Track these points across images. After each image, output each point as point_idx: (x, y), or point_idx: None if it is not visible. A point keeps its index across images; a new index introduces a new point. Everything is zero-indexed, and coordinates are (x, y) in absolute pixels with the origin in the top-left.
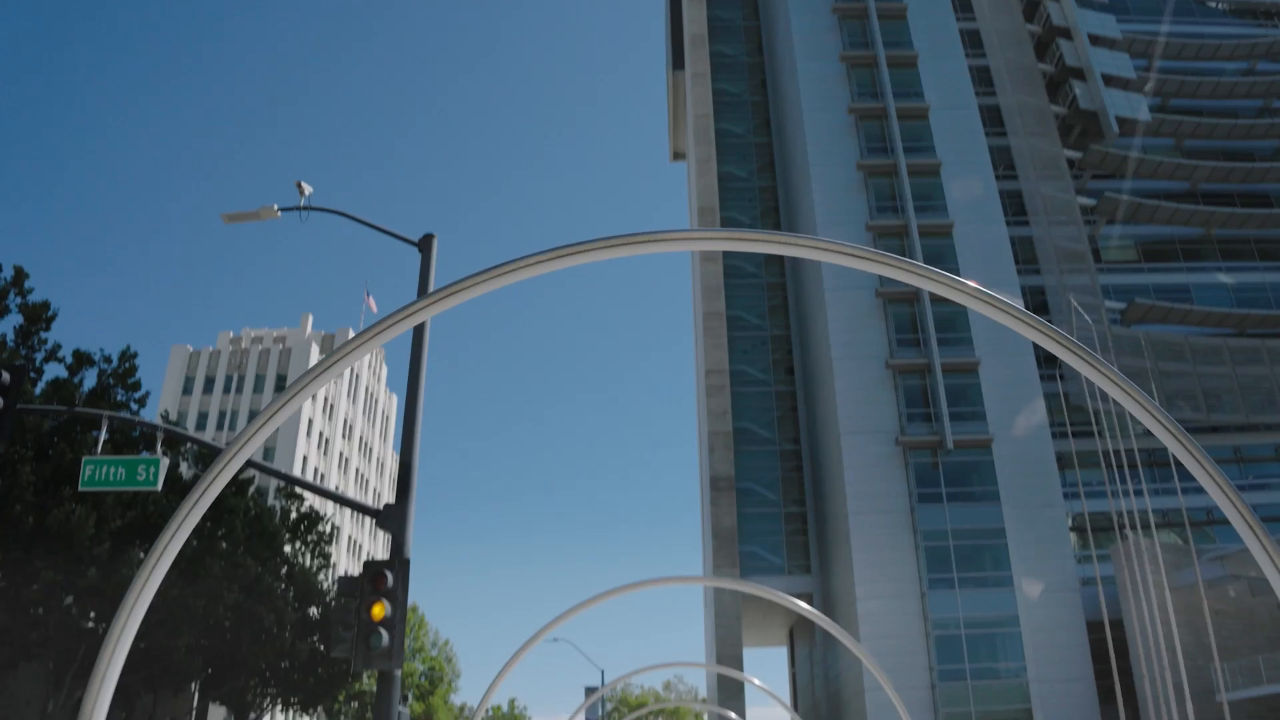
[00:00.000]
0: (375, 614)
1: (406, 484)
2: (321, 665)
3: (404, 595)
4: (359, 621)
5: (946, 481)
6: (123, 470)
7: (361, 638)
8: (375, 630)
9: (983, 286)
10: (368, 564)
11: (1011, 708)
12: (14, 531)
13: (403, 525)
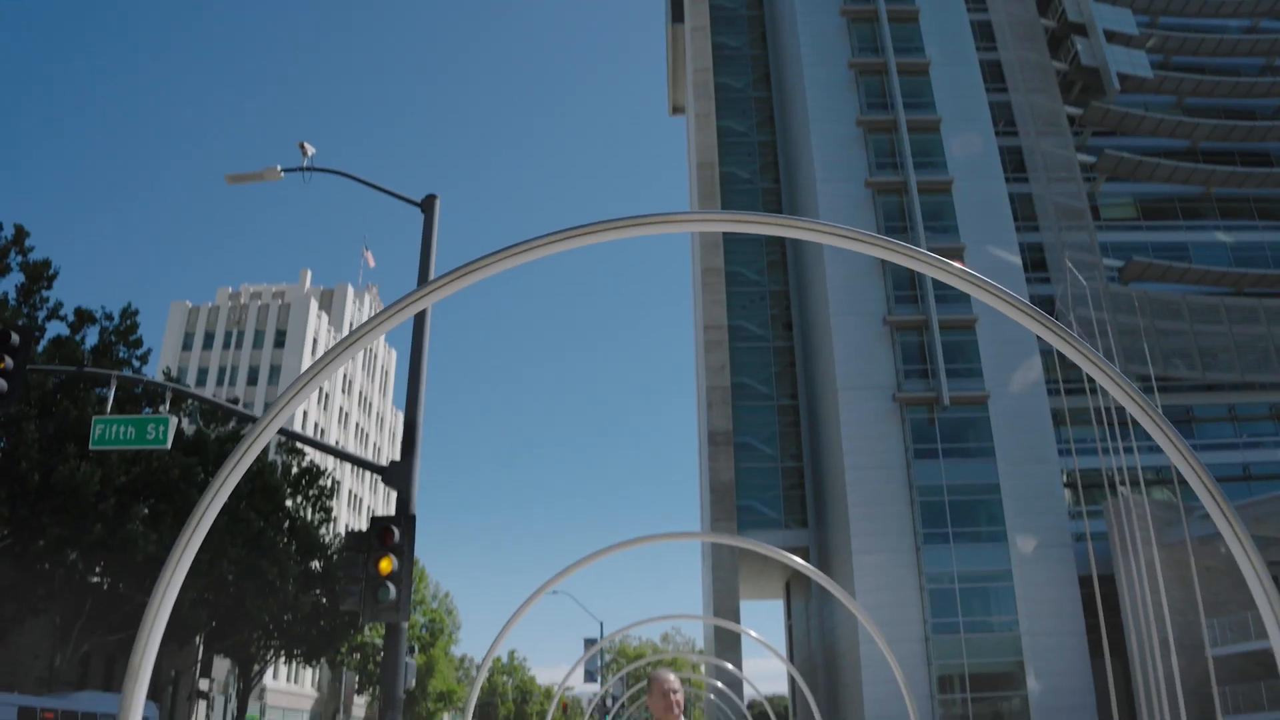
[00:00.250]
0: (383, 568)
1: (411, 442)
2: (324, 618)
3: (410, 550)
4: (366, 575)
5: (942, 437)
6: (132, 429)
7: (369, 591)
8: (383, 584)
9: (981, 243)
10: (374, 519)
11: (1003, 660)
12: (20, 488)
13: (408, 482)
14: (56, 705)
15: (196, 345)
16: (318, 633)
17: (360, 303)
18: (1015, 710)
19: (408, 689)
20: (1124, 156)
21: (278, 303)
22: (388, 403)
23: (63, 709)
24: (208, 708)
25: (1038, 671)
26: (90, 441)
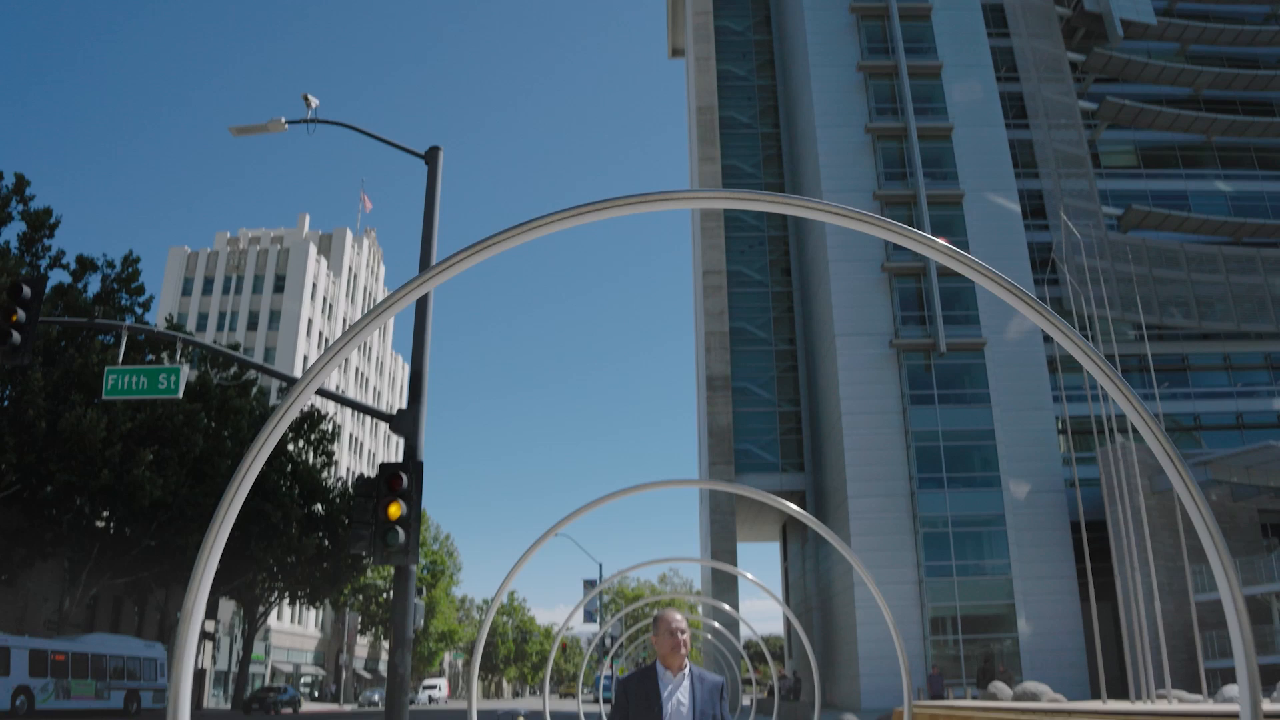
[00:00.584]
0: (391, 513)
1: (418, 391)
2: (327, 560)
3: (418, 496)
4: (376, 520)
5: (939, 384)
6: (144, 379)
7: (379, 535)
8: (392, 528)
9: (980, 190)
10: (383, 466)
11: (995, 603)
12: (27, 436)
13: (415, 429)
14: (66, 648)
15: (196, 290)
16: (321, 575)
17: (359, 247)
18: (1006, 652)
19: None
20: (1125, 104)
21: (276, 248)
22: (387, 347)
23: (73, 651)
24: (214, 649)
25: (1029, 614)
26: (103, 392)
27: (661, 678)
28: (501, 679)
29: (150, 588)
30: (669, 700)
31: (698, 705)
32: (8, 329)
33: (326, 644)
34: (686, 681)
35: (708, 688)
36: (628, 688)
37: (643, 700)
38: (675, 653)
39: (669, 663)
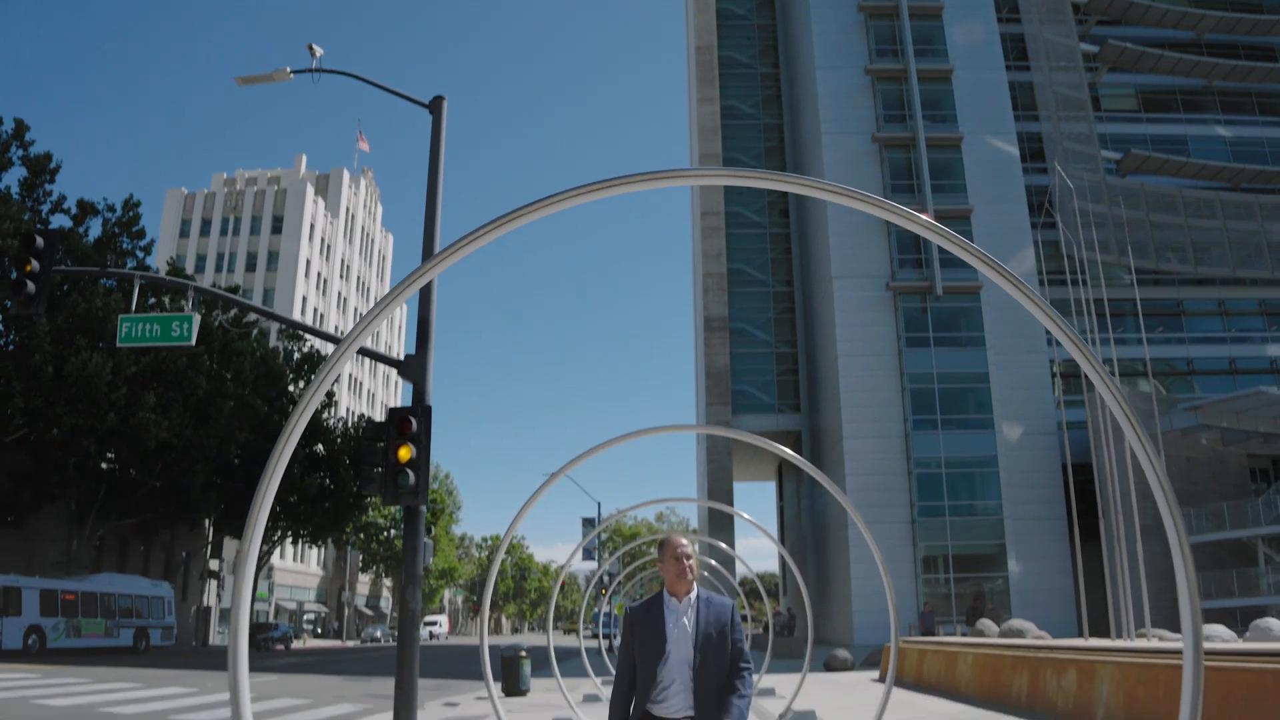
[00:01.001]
0: (401, 456)
1: (425, 337)
2: (329, 500)
3: (427, 439)
4: (386, 463)
5: (934, 326)
6: (158, 327)
7: (389, 477)
8: (402, 471)
9: (979, 133)
10: (392, 411)
11: (986, 543)
12: (34, 381)
13: (423, 374)
14: (76, 587)
15: (194, 232)
16: (323, 514)
17: (356, 188)
18: (996, 591)
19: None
20: (1127, 47)
21: (273, 189)
22: (385, 287)
23: (82, 591)
24: (218, 587)
25: (1019, 555)
26: (117, 340)
27: (668, 604)
28: (500, 615)
29: (156, 528)
30: (675, 626)
31: (702, 628)
32: (22, 279)
33: (329, 582)
34: (693, 608)
35: (715, 610)
36: (634, 617)
37: (648, 628)
38: (681, 579)
39: (675, 589)
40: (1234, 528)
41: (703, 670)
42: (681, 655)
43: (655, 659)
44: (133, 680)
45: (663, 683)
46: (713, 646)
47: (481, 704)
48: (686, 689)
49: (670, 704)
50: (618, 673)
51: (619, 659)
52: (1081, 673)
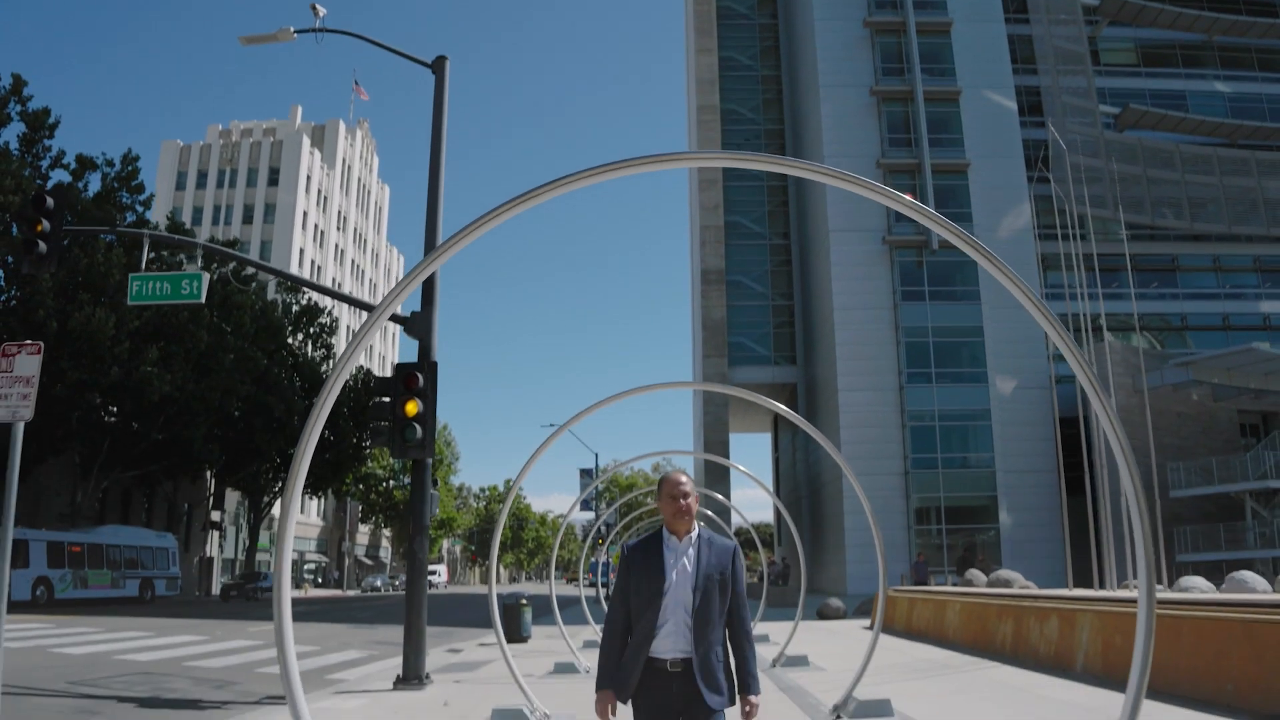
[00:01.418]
0: (408, 410)
1: (430, 294)
2: (330, 451)
3: (433, 394)
4: (394, 417)
5: (930, 280)
6: (168, 285)
7: (397, 431)
8: (409, 425)
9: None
10: (398, 367)
11: (978, 494)
12: (38, 335)
13: (428, 331)
14: (82, 539)
15: (190, 185)
16: (323, 465)
17: (352, 139)
18: (988, 542)
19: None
20: (1127, 0)
21: (269, 140)
22: (382, 239)
23: (88, 542)
24: (220, 538)
25: (1010, 506)
26: (128, 298)
27: (667, 544)
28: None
29: (158, 480)
30: (673, 565)
31: (702, 568)
32: (34, 239)
33: (329, 532)
34: (693, 548)
35: (716, 551)
36: (630, 556)
37: (644, 567)
38: (680, 518)
39: (674, 528)
40: (1222, 482)
41: (701, 612)
42: (680, 595)
43: (653, 599)
44: (143, 629)
45: (659, 623)
46: (713, 588)
47: (484, 650)
48: (682, 631)
49: (664, 645)
50: (610, 614)
51: (612, 601)
52: (1063, 621)
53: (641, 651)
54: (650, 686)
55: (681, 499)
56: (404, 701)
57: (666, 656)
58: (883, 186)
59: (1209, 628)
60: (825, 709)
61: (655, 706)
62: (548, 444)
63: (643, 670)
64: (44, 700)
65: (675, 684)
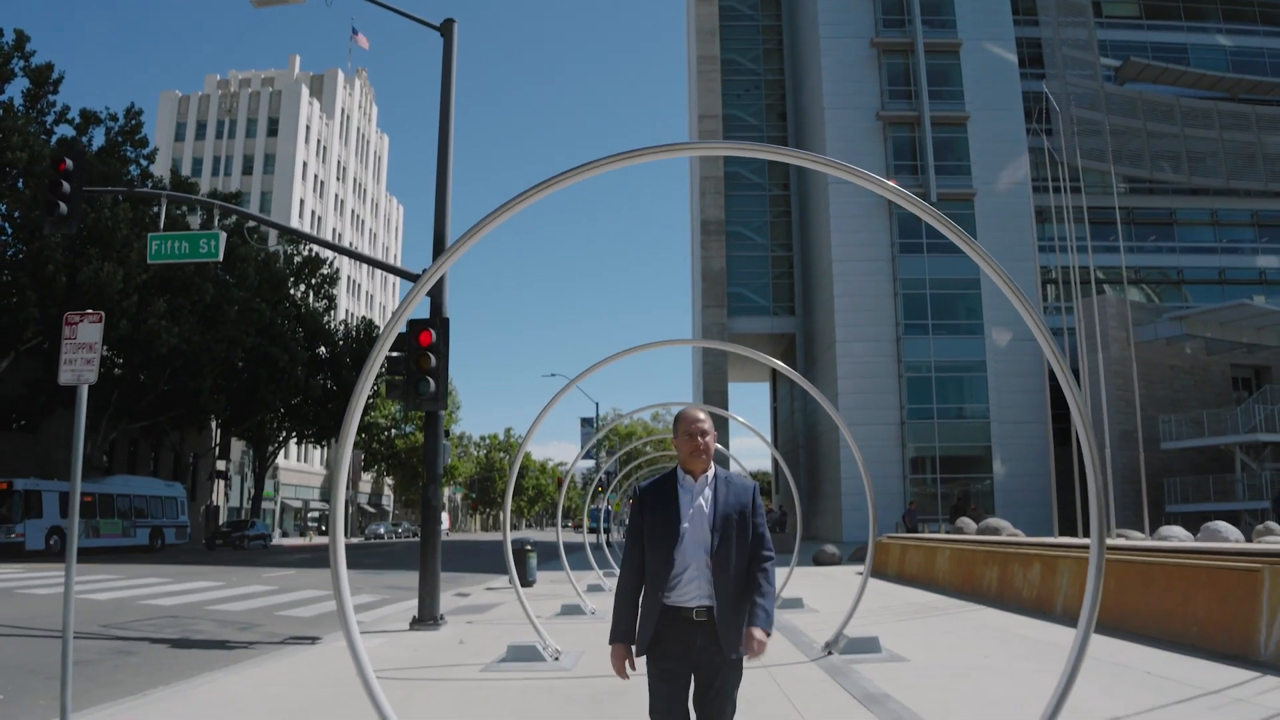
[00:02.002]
0: (422, 365)
1: (441, 251)
2: (332, 401)
3: (445, 349)
4: (408, 371)
5: (928, 233)
6: (186, 244)
7: (411, 385)
8: (423, 378)
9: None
10: (412, 322)
11: (973, 444)
12: (48, 290)
13: (439, 288)
14: (93, 489)
15: (189, 136)
16: (326, 414)
17: (350, 89)
18: (982, 491)
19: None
20: None
21: (268, 90)
22: (381, 188)
23: (99, 492)
24: (225, 487)
25: (1004, 456)
26: (147, 257)
27: (682, 483)
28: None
29: (165, 431)
30: (689, 506)
31: (719, 509)
32: (55, 200)
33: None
34: (709, 488)
35: (734, 491)
36: (644, 496)
37: (660, 507)
38: (696, 456)
39: (690, 467)
40: (1212, 435)
41: (721, 555)
42: (697, 538)
43: (669, 542)
44: (160, 576)
45: (676, 568)
46: (732, 530)
47: (491, 594)
48: (703, 575)
49: (684, 592)
50: (626, 559)
51: (626, 545)
52: (1045, 567)
53: (658, 600)
54: (669, 637)
55: (699, 437)
56: (421, 640)
57: (691, 605)
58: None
59: (1178, 574)
60: (818, 646)
61: (674, 657)
62: (553, 402)
63: (660, 620)
64: (82, 642)
65: (698, 634)
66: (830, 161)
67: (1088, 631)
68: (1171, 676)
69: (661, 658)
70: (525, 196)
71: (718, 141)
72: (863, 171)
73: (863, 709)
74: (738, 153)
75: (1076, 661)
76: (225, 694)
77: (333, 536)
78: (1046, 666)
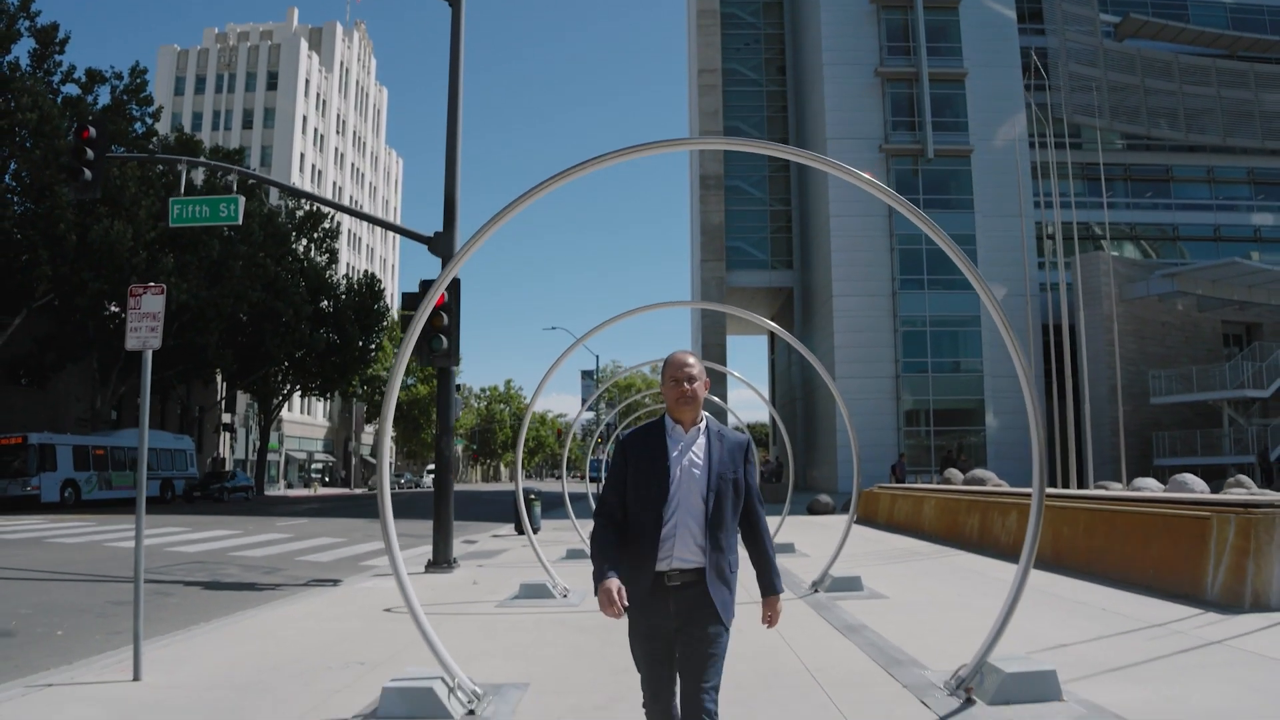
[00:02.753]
0: (435, 324)
1: (451, 215)
2: (336, 354)
3: (457, 308)
4: (422, 329)
5: (925, 189)
6: (206, 208)
7: (425, 342)
8: (436, 336)
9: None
10: (424, 283)
11: (966, 397)
12: (59, 248)
13: (450, 250)
14: (105, 443)
15: (189, 90)
16: (330, 367)
17: (349, 41)
18: (975, 444)
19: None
20: None
21: (266, 44)
22: (380, 141)
23: (111, 445)
24: (231, 439)
25: (996, 410)
26: (169, 221)
27: (670, 434)
28: (499, 463)
29: (172, 384)
30: (678, 460)
31: (714, 467)
32: (79, 166)
33: (335, 432)
34: (702, 439)
35: (728, 446)
36: (627, 447)
37: (645, 459)
38: (683, 404)
39: (678, 415)
40: (1201, 390)
41: (715, 517)
42: (687, 498)
43: (658, 499)
44: (179, 525)
45: (666, 528)
46: (727, 489)
47: (497, 541)
48: (692, 535)
49: (671, 552)
50: (601, 516)
51: (602, 498)
52: (1020, 515)
53: (646, 563)
54: (654, 599)
55: (686, 383)
56: (438, 581)
57: (671, 568)
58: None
59: (1139, 521)
60: (805, 585)
61: (651, 625)
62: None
63: (650, 581)
64: (123, 585)
65: (674, 599)
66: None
67: (1027, 568)
68: (1122, 612)
69: (642, 619)
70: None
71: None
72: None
73: (842, 637)
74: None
75: (1017, 593)
76: (264, 627)
77: (381, 494)
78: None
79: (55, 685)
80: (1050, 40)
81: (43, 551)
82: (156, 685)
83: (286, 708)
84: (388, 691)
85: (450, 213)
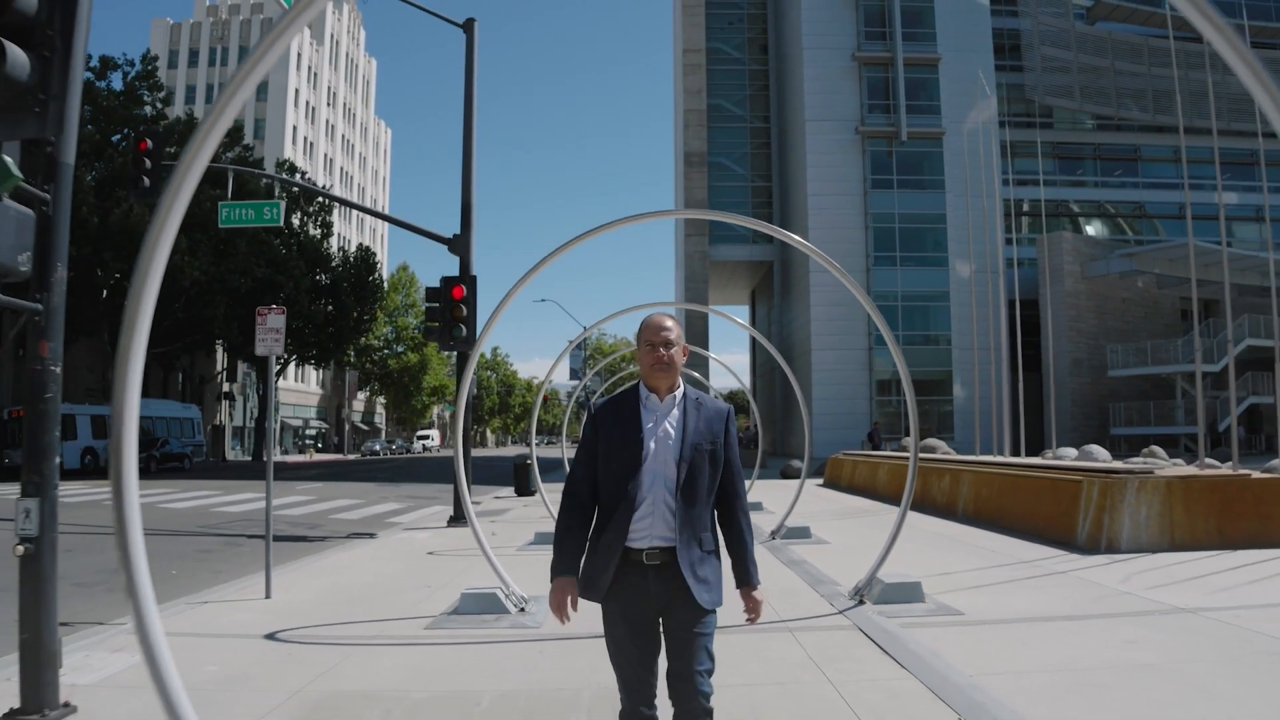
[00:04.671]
0: (455, 315)
1: (467, 219)
2: (333, 325)
3: (474, 300)
4: (443, 319)
5: (899, 169)
6: (251, 211)
7: (446, 330)
8: (457, 324)
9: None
10: (445, 279)
11: (935, 369)
12: (81, 231)
13: (467, 250)
14: None
15: (182, 64)
16: (326, 337)
17: (339, 13)
18: (942, 413)
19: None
20: None
21: (258, 17)
22: (369, 112)
23: None
24: (231, 407)
25: (963, 381)
26: (219, 222)
27: (645, 402)
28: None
29: (177, 355)
30: (653, 432)
31: (689, 437)
32: (140, 174)
33: (327, 400)
34: (677, 409)
35: (705, 416)
36: (600, 416)
37: (618, 430)
38: (658, 370)
39: (653, 383)
40: (1155, 364)
41: (687, 490)
42: (660, 468)
43: (630, 472)
44: (210, 489)
45: (638, 503)
46: (703, 461)
47: (500, 501)
48: (664, 511)
49: (639, 529)
50: (567, 497)
51: (571, 474)
52: (952, 478)
53: (618, 541)
54: (622, 583)
55: (662, 347)
56: (461, 533)
57: (642, 546)
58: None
59: (1034, 484)
60: (765, 534)
61: (629, 608)
62: (565, 354)
63: (620, 561)
64: (196, 539)
65: (652, 580)
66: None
67: (904, 511)
68: (1006, 553)
69: (615, 609)
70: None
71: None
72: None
73: (786, 569)
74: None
75: (897, 529)
76: (338, 565)
77: (457, 460)
78: (928, 547)
79: (210, 603)
80: (1024, 22)
81: (104, 512)
82: (286, 601)
83: (390, 607)
84: (466, 595)
85: (466, 216)
